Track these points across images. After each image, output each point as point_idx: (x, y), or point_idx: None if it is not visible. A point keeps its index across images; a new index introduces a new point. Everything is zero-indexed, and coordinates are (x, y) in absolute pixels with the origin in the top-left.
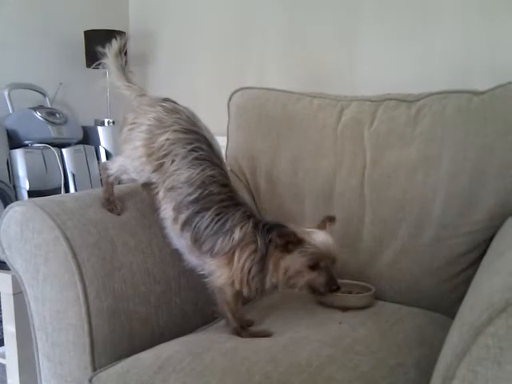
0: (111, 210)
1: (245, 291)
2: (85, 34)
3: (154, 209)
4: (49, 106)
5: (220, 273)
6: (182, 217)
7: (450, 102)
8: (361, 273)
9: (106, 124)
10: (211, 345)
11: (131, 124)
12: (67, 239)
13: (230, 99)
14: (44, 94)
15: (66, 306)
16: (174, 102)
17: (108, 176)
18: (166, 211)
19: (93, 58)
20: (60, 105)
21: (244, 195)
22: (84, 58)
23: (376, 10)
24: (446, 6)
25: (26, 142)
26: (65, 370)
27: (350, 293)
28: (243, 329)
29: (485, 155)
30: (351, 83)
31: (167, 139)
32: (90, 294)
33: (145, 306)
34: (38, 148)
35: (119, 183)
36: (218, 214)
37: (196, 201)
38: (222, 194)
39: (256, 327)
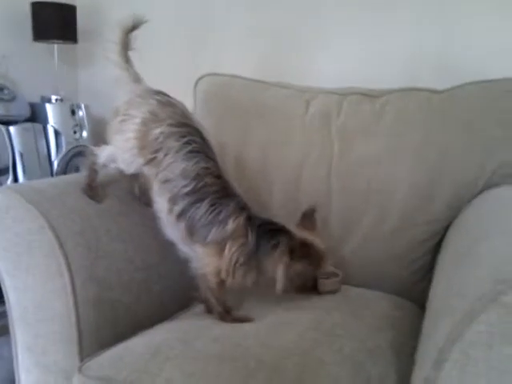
0: (92, 197)
1: (229, 281)
2: (32, 6)
3: (132, 197)
4: None
5: (208, 261)
6: (177, 208)
7: (412, 99)
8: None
9: (54, 101)
10: (198, 331)
11: (124, 115)
12: (53, 228)
13: (195, 85)
14: None
15: (52, 297)
16: (167, 95)
17: (94, 163)
18: (161, 203)
19: (40, 31)
20: (3, 79)
21: (236, 186)
22: (30, 31)
23: (338, 4)
24: (401, 4)
25: None
26: (48, 360)
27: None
28: (227, 313)
29: (443, 152)
30: (310, 75)
31: (161, 132)
32: (76, 283)
33: (127, 295)
34: None
35: None
36: (212, 205)
37: (191, 192)
38: (215, 185)
39: (237, 312)
